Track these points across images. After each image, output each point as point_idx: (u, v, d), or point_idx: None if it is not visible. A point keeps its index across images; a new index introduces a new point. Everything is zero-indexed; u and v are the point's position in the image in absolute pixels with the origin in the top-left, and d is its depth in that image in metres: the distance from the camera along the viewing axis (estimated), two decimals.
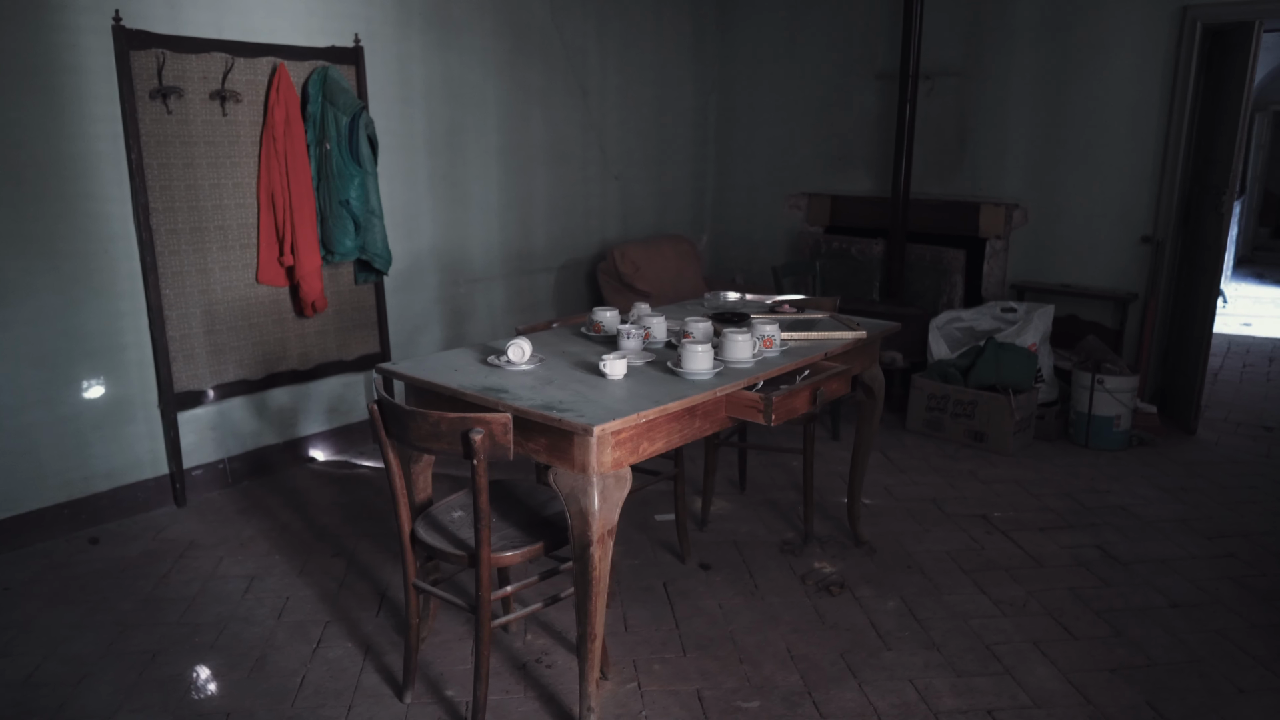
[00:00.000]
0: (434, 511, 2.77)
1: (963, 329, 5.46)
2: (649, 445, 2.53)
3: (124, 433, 4.03)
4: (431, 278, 5.17)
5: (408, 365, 2.86)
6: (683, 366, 2.72)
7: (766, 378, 2.84)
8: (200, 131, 4.07)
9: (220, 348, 4.24)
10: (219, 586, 3.49)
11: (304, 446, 4.70)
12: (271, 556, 3.72)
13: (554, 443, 2.42)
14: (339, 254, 4.35)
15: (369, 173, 4.35)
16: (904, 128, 5.68)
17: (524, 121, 5.57)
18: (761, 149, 6.97)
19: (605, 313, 3.21)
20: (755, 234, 7.08)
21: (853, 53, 6.38)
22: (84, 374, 3.89)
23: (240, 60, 4.14)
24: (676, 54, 6.65)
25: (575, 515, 2.41)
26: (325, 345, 4.62)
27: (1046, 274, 5.72)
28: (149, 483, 4.13)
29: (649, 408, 2.45)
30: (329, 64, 4.41)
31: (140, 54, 3.85)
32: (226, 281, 4.23)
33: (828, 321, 3.51)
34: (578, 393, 2.58)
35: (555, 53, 5.70)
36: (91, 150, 3.80)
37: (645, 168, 6.55)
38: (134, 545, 3.83)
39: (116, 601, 3.38)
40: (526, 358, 2.81)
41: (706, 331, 3.03)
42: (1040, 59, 5.58)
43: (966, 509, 4.25)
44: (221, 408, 4.33)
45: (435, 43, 4.99)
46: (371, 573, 3.58)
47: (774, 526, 4.04)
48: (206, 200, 4.12)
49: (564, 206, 5.95)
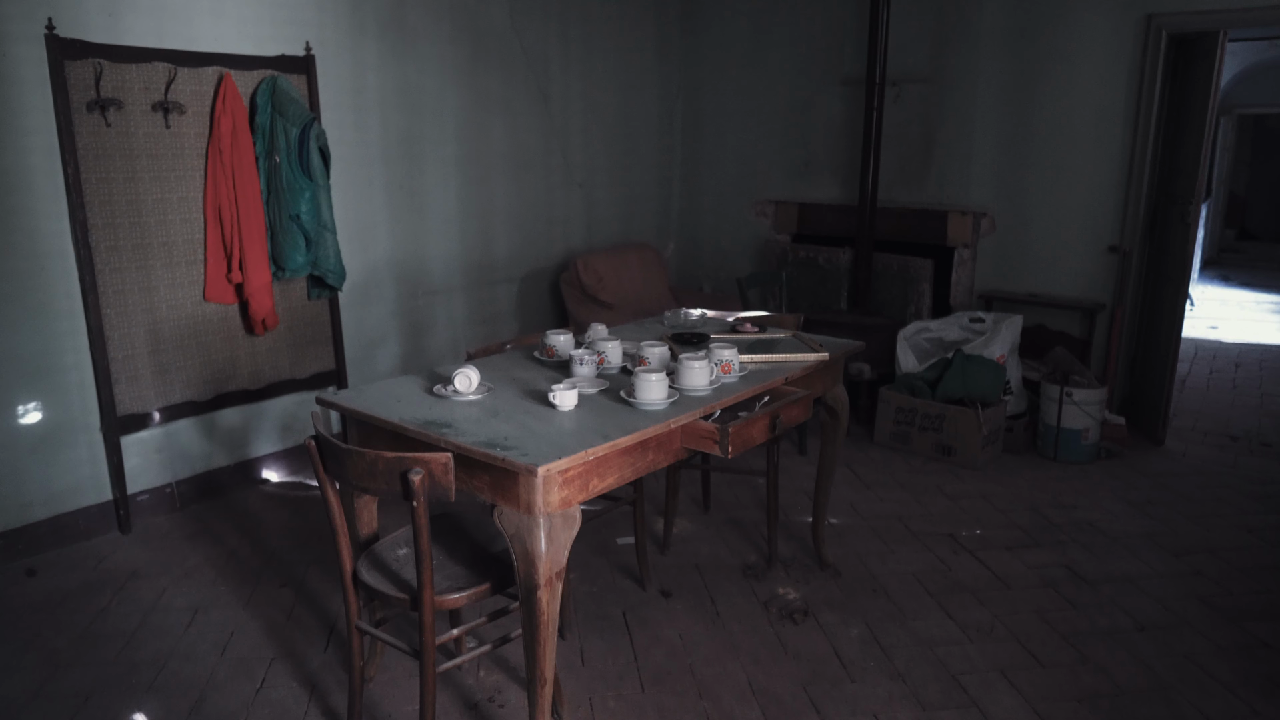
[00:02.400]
0: (378, 549, 2.65)
1: (931, 339, 5.39)
2: (599, 482, 2.42)
3: (63, 458, 3.87)
4: (388, 290, 5.04)
5: (348, 396, 2.74)
6: (636, 396, 2.62)
7: (724, 406, 2.75)
8: (142, 144, 3.92)
9: (166, 368, 4.09)
10: (160, 619, 3.35)
11: (256, 468, 4.56)
12: (217, 586, 3.59)
13: (498, 481, 2.32)
14: (290, 270, 4.22)
15: (320, 185, 4.21)
16: (871, 135, 5.60)
17: (484, 129, 5.45)
18: (728, 155, 6.88)
19: (559, 336, 3.10)
20: (722, 242, 6.99)
21: (818, 58, 6.31)
22: (19, 398, 3.73)
23: (184, 70, 3.99)
24: (640, 59, 6.55)
25: (521, 557, 2.30)
26: (277, 363, 4.48)
27: (1014, 283, 5.67)
28: (91, 509, 3.97)
29: (598, 442, 2.34)
30: (278, 74, 4.27)
31: (76, 64, 3.70)
32: (172, 299, 4.08)
33: (789, 342, 3.42)
34: (524, 425, 2.47)
35: (515, 59, 5.58)
36: (24, 164, 3.64)
37: (609, 175, 6.45)
38: (73, 576, 3.68)
39: (50, 638, 3.23)
40: (474, 387, 2.70)
41: (663, 357, 2.93)
42: (1006, 66, 5.53)
43: (933, 526, 4.18)
44: (168, 430, 4.18)
45: (390, 50, 4.86)
46: (320, 604, 3.46)
47: (737, 548, 3.95)
48: (150, 216, 3.97)
49: (526, 215, 5.83)
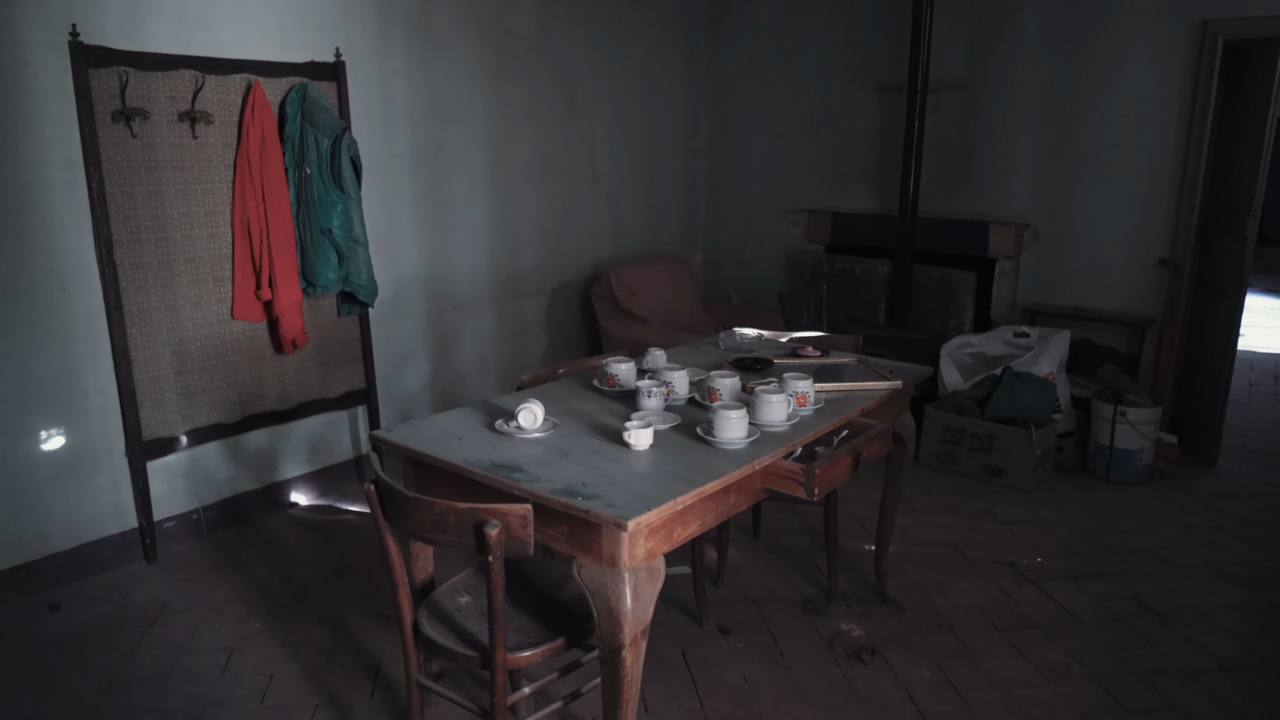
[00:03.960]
0: (437, 598, 2.48)
1: (974, 354, 5.23)
2: (683, 530, 2.25)
3: (85, 485, 3.69)
4: (417, 305, 4.86)
5: (404, 433, 2.56)
6: (715, 435, 2.45)
7: (805, 443, 2.58)
8: (168, 156, 3.74)
9: (192, 390, 3.91)
10: (192, 662, 3.17)
11: (284, 491, 4.38)
12: (250, 624, 3.41)
13: (577, 532, 2.14)
14: (321, 286, 4.04)
15: (352, 198, 4.03)
16: (912, 143, 5.43)
17: (511, 137, 5.27)
18: (756, 163, 6.70)
19: (620, 365, 2.93)
20: (750, 251, 6.81)
21: (852, 64, 6.14)
22: (39, 423, 3.55)
23: (211, 78, 3.81)
24: (666, 64, 6.37)
25: (603, 614, 2.13)
26: (306, 383, 4.30)
27: (1058, 296, 5.51)
28: (115, 538, 3.79)
29: (684, 489, 2.17)
30: (308, 81, 4.09)
31: (100, 72, 3.52)
32: (198, 318, 3.90)
33: (856, 368, 3.25)
34: (598, 469, 2.30)
35: (543, 65, 5.40)
36: (45, 178, 3.45)
37: (636, 183, 6.27)
38: (97, 610, 3.50)
39: (76, 681, 3.05)
40: (538, 423, 2.53)
41: (734, 389, 2.76)
42: (1049, 73, 5.36)
43: (990, 555, 4.02)
44: (194, 454, 4.00)
45: (419, 56, 4.68)
46: (361, 644, 3.28)
47: (791, 580, 3.78)
48: (175, 231, 3.79)
49: (553, 226, 5.65)
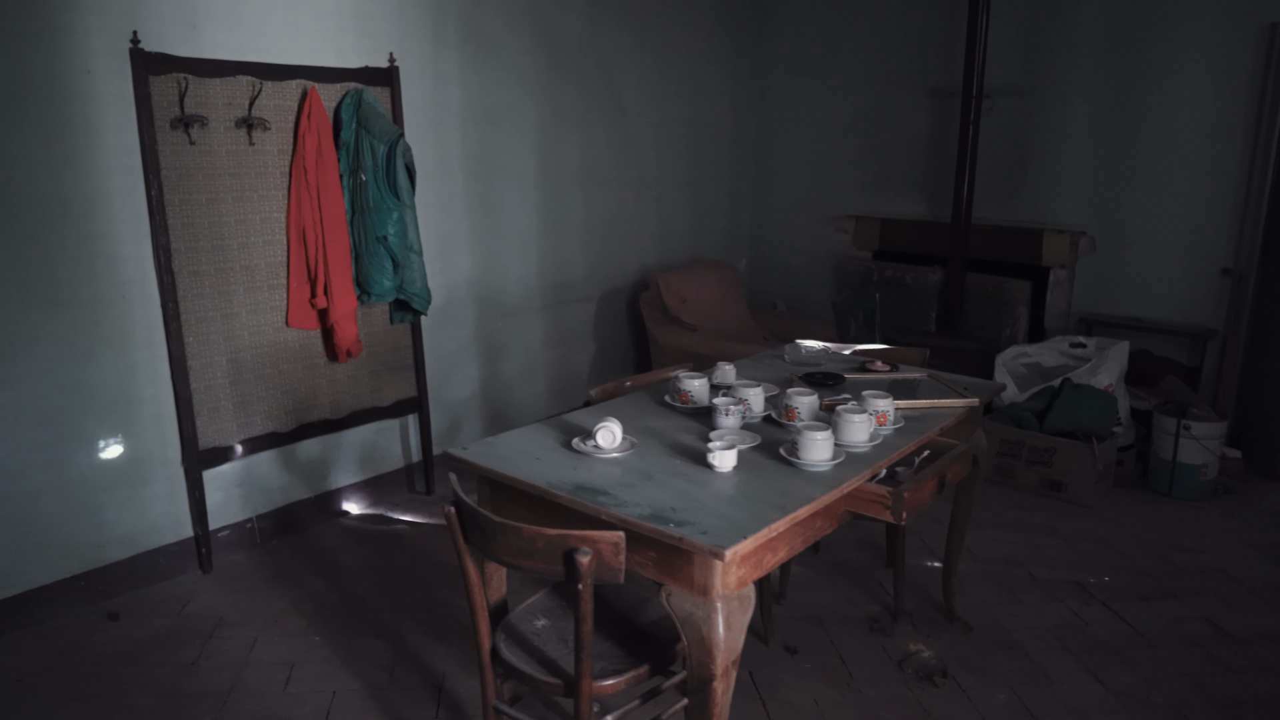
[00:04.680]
0: (514, 621, 2.42)
1: (1029, 365, 5.13)
2: (772, 556, 2.19)
3: (142, 495, 3.67)
4: (467, 313, 4.81)
5: (479, 452, 2.50)
6: (800, 456, 2.38)
7: (889, 465, 2.51)
8: (225, 163, 3.71)
9: (247, 398, 3.88)
10: (253, 677, 3.13)
11: (335, 500, 4.35)
12: (310, 637, 3.37)
13: (666, 558, 2.08)
14: (376, 295, 3.99)
15: (407, 205, 3.99)
16: (966, 149, 5.34)
17: (560, 142, 5.22)
18: (802, 168, 6.62)
19: (693, 381, 2.86)
20: (795, 258, 6.73)
21: (902, 68, 6.04)
22: (97, 432, 3.53)
23: (268, 84, 3.77)
24: (712, 69, 6.30)
25: (694, 644, 2.06)
26: (358, 391, 4.26)
27: (1115, 306, 5.40)
28: (170, 548, 3.77)
29: (774, 515, 2.10)
30: (363, 86, 4.05)
31: (160, 79, 3.49)
32: (254, 326, 3.86)
33: (930, 384, 3.17)
34: (683, 492, 2.23)
35: (592, 69, 5.35)
36: (105, 186, 3.43)
37: (682, 189, 6.20)
38: (155, 622, 3.48)
39: (136, 697, 3.02)
40: (617, 443, 2.47)
41: (812, 407, 2.69)
42: (1107, 78, 5.25)
43: (1056, 573, 3.92)
44: (248, 463, 3.97)
45: (471, 61, 4.63)
46: (422, 661, 3.23)
47: (854, 598, 3.70)
48: (231, 238, 3.76)
49: (601, 232, 5.60)
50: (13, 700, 3.01)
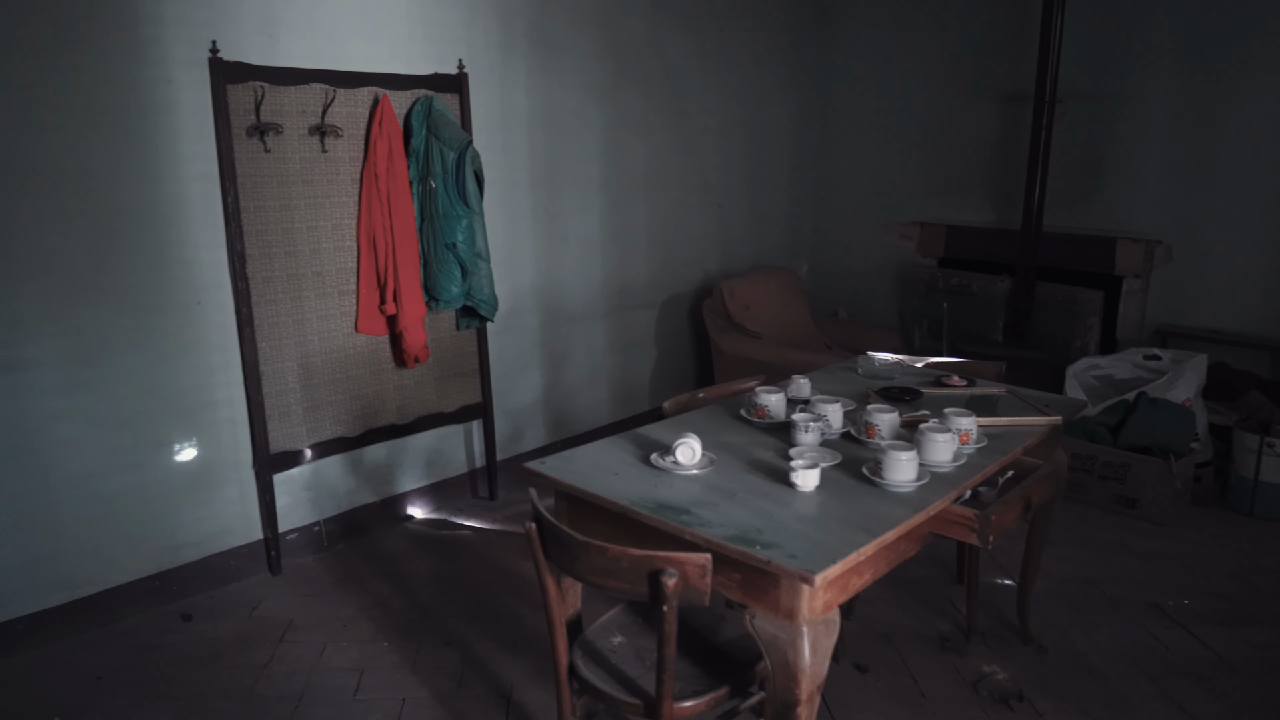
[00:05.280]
0: (590, 638, 2.41)
1: (1100, 377, 5.00)
2: (857, 580, 2.15)
3: (215, 497, 3.72)
4: (531, 319, 4.82)
5: (557, 466, 2.49)
6: (884, 476, 2.33)
7: (973, 485, 2.45)
8: (298, 170, 3.74)
9: (317, 403, 3.91)
10: (325, 682, 3.15)
11: (400, 504, 4.38)
12: (378, 644, 3.39)
13: (751, 580, 2.05)
14: (444, 301, 4.01)
15: (476, 212, 4.00)
16: (1038, 155, 5.23)
17: (624, 148, 5.21)
18: (865, 173, 6.54)
19: (770, 395, 2.82)
20: (857, 264, 6.65)
21: (968, 72, 5.93)
22: (173, 436, 3.58)
23: (341, 91, 3.80)
24: (774, 73, 6.24)
25: (778, 668, 2.03)
26: (424, 397, 4.28)
27: (1192, 317, 5.25)
28: (241, 550, 3.82)
29: (861, 538, 2.06)
30: (433, 93, 4.07)
31: (237, 88, 3.53)
32: (324, 332, 3.90)
33: (1010, 400, 3.10)
34: (766, 513, 2.20)
35: (656, 75, 5.32)
36: (184, 194, 3.48)
37: (743, 194, 6.16)
38: (228, 624, 3.52)
39: (213, 699, 3.06)
40: (696, 459, 2.44)
41: (893, 425, 2.64)
42: (1185, 82, 5.10)
43: (1132, 593, 3.81)
44: (317, 467, 4.01)
45: (538, 67, 4.63)
46: (490, 670, 3.23)
47: (923, 615, 3.64)
48: (303, 244, 3.80)
49: (663, 238, 5.57)
50: (95, 698, 3.06)
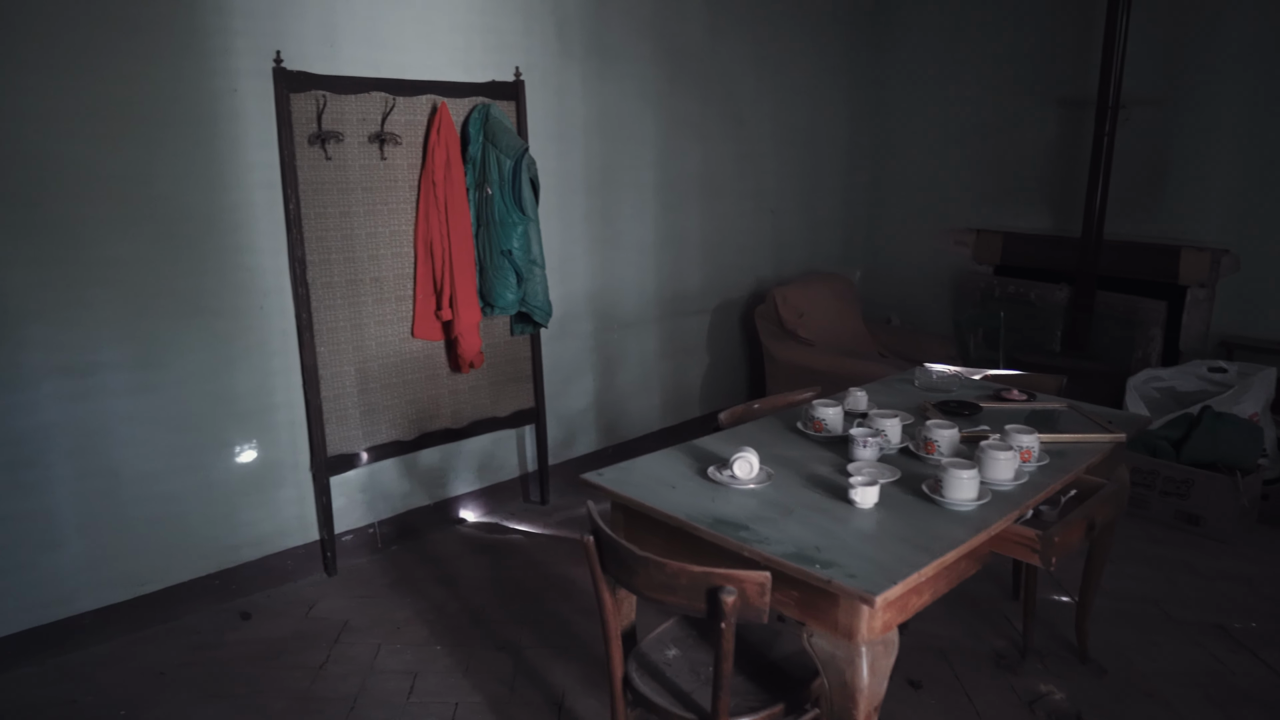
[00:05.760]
0: (645, 650, 2.41)
1: (1162, 389, 4.89)
2: (917, 600, 2.12)
3: (273, 498, 3.79)
4: (585, 324, 4.84)
5: (615, 478, 2.49)
6: (944, 494, 2.30)
7: (1035, 505, 2.41)
8: (358, 177, 3.79)
9: (373, 407, 3.96)
10: (379, 684, 3.20)
11: (453, 507, 4.42)
12: (431, 647, 3.42)
13: (809, 599, 2.03)
14: (499, 307, 4.04)
15: (531, 219, 4.02)
16: (1100, 161, 5.12)
17: (679, 154, 5.20)
18: (920, 178, 6.46)
19: (827, 409, 2.80)
20: (910, 271, 6.57)
21: (1029, 76, 5.83)
22: (234, 438, 3.65)
23: (400, 99, 3.85)
24: (830, 77, 6.19)
25: (836, 688, 2.01)
26: (478, 401, 4.32)
27: (1261, 329, 5.10)
28: (298, 550, 3.88)
29: (921, 558, 2.03)
30: (490, 101, 4.10)
31: (300, 96, 3.59)
32: (381, 337, 3.95)
33: (1071, 416, 3.04)
34: (825, 530, 2.18)
35: (712, 80, 5.31)
36: (247, 200, 3.55)
37: (797, 200, 6.12)
38: (284, 623, 3.58)
39: (270, 698, 3.12)
40: (754, 474, 2.43)
41: (952, 441, 2.60)
42: (1256, 87, 4.96)
43: (1195, 614, 3.72)
44: (372, 470, 4.06)
45: (594, 73, 4.64)
46: (542, 676, 3.25)
47: (978, 630, 3.58)
48: (362, 250, 3.85)
49: (717, 244, 5.56)
50: (156, 693, 3.14)
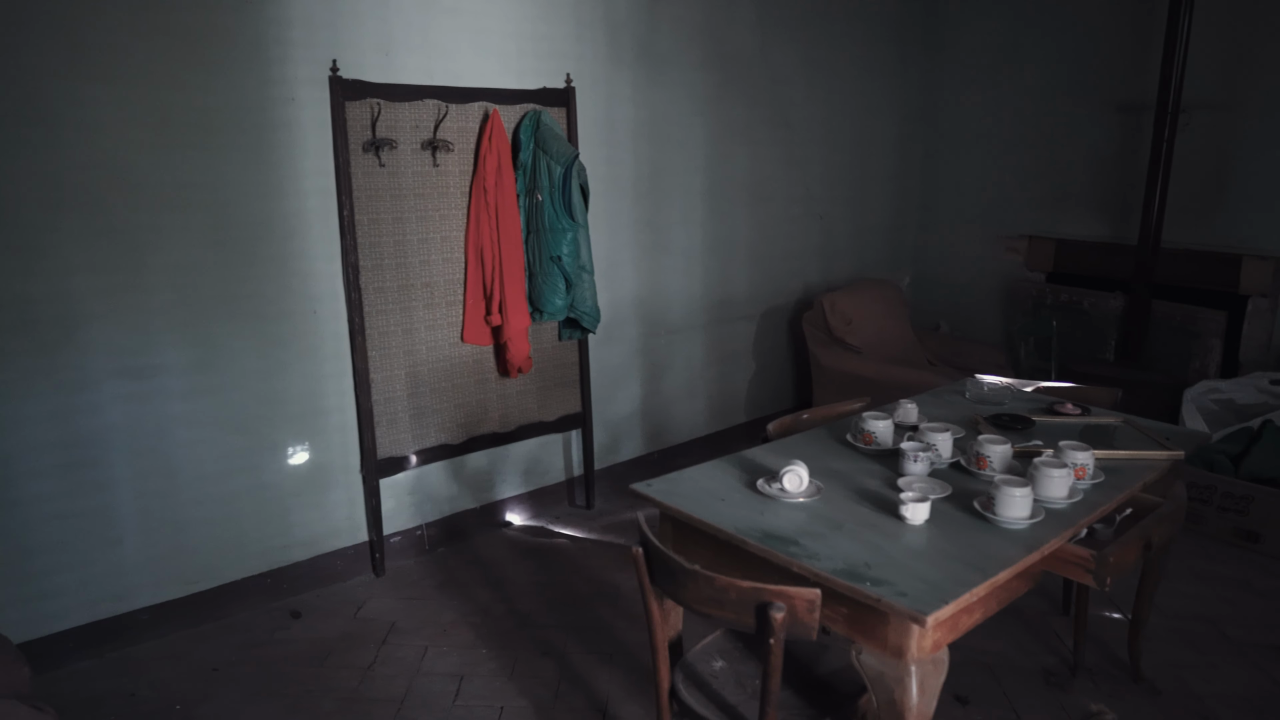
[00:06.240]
0: (691, 661, 2.41)
1: (1220, 402, 4.78)
2: (968, 619, 2.10)
3: (324, 500, 3.85)
4: (631, 330, 4.85)
5: (664, 490, 2.50)
6: (996, 512, 2.28)
7: (1090, 523, 2.37)
8: (410, 184, 3.84)
9: (422, 411, 4.01)
10: (426, 686, 3.23)
11: (499, 511, 4.46)
12: (477, 650, 3.46)
13: (858, 615, 2.02)
14: (548, 313, 4.07)
15: (581, 225, 4.04)
16: (1159, 167, 5.02)
17: (727, 159, 5.19)
18: (971, 184, 6.38)
19: (877, 421, 2.78)
20: (960, 277, 6.50)
21: (1084, 80, 5.74)
22: (287, 440, 3.72)
23: (453, 107, 3.89)
24: (880, 82, 6.14)
25: (884, 706, 2.00)
26: (526, 406, 4.35)
27: None
28: (347, 551, 3.94)
29: (974, 577, 2.01)
30: (541, 107, 4.13)
31: (355, 104, 3.65)
32: (431, 341, 3.99)
33: (1126, 431, 2.99)
34: (874, 546, 2.17)
35: (761, 85, 5.29)
36: (303, 208, 3.61)
37: (846, 205, 6.08)
38: (333, 623, 3.64)
39: (320, 698, 3.17)
40: (803, 487, 2.42)
41: (1005, 457, 2.57)
42: None
43: (1254, 634, 3.63)
44: (420, 472, 4.11)
45: (644, 79, 4.65)
46: (586, 682, 3.26)
47: (1026, 646, 3.53)
48: (414, 256, 3.89)
49: (765, 250, 5.54)
50: (211, 689, 3.20)
